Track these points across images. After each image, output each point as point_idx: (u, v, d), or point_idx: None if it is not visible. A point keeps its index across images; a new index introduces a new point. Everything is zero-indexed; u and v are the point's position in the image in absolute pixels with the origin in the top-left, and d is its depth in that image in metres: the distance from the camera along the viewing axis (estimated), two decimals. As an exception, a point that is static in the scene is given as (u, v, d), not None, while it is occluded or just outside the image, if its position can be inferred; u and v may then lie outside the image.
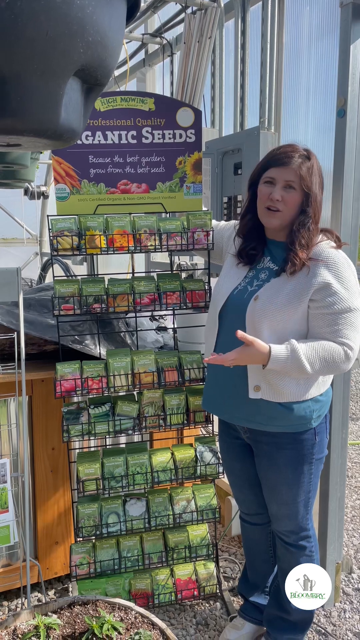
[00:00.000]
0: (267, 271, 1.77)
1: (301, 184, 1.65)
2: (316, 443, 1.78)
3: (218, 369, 1.86)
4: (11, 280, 1.97)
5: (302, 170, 1.65)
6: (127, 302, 2.10)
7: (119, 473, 2.13)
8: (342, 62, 2.00)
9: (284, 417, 1.72)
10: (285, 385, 1.69)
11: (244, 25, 3.04)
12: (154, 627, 1.66)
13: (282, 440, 1.77)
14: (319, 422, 1.78)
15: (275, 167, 1.69)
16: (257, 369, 1.71)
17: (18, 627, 1.64)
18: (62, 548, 2.39)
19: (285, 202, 1.67)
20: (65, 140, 0.77)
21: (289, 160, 1.66)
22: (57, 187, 2.11)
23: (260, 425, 1.76)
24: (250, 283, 1.78)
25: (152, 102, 2.14)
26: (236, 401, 1.79)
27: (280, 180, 1.67)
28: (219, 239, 2.11)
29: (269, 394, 1.71)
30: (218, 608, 2.30)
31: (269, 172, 1.70)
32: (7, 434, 2.21)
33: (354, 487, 3.40)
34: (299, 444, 1.76)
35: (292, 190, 1.67)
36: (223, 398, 1.86)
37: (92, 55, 0.69)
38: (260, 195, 1.73)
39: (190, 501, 2.24)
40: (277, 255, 1.77)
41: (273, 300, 1.67)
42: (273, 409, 1.72)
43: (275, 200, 1.67)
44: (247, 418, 1.78)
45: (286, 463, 1.78)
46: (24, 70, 0.64)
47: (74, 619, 1.68)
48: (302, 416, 1.73)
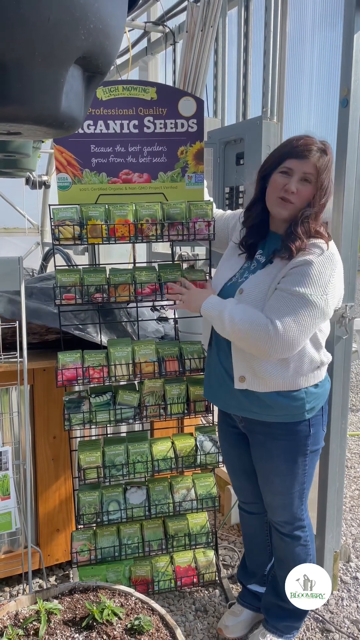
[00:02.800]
0: (256, 262, 1.78)
1: (317, 178, 1.65)
2: (310, 435, 1.78)
3: (213, 357, 1.88)
4: (13, 269, 1.97)
5: (320, 164, 1.64)
6: (129, 292, 2.10)
7: (120, 461, 2.15)
8: (346, 52, 1.98)
9: (274, 406, 1.73)
10: (269, 375, 1.69)
11: (247, 13, 3.01)
12: (154, 612, 1.68)
13: (276, 430, 1.77)
14: (314, 414, 1.77)
15: (294, 158, 1.66)
16: (241, 359, 1.72)
17: (20, 612, 1.66)
18: (63, 535, 2.42)
19: (300, 195, 1.66)
20: (65, 129, 0.77)
21: (308, 153, 1.64)
22: (58, 177, 2.10)
23: (253, 414, 1.77)
24: (241, 275, 1.80)
25: (154, 91, 2.13)
26: (228, 389, 1.81)
27: (299, 172, 1.65)
28: (224, 228, 2.11)
29: (254, 384, 1.72)
30: (217, 595, 2.33)
31: (287, 163, 1.68)
32: (9, 422, 2.23)
33: (352, 477, 3.42)
34: (293, 435, 1.77)
35: (307, 184, 1.66)
36: (217, 387, 1.88)
37: (94, 43, 0.69)
38: (274, 184, 1.70)
39: (190, 490, 2.26)
40: (269, 248, 1.77)
41: (253, 292, 1.69)
42: (262, 399, 1.73)
43: (290, 193, 1.66)
44: (240, 407, 1.80)
45: (280, 454, 1.79)
46: (25, 57, 0.64)
47: (75, 604, 1.70)
48: (294, 406, 1.73)
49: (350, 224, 2.09)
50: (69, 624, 1.61)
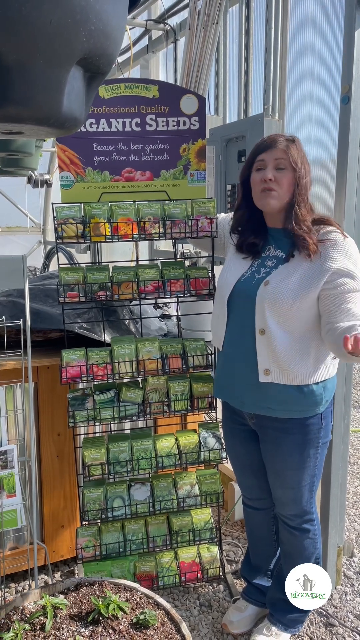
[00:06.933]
0: (274, 259, 1.78)
1: (290, 161, 1.69)
2: (322, 427, 1.80)
3: (227, 354, 1.88)
4: (17, 268, 1.99)
5: (290, 150, 1.70)
6: (132, 289, 2.11)
7: (124, 458, 2.16)
8: (347, 49, 1.99)
9: (294, 401, 1.74)
10: (294, 367, 1.71)
11: (248, 11, 3.01)
12: (159, 607, 1.70)
13: (289, 425, 1.79)
14: (326, 406, 1.80)
15: (263, 152, 1.74)
16: (267, 351, 1.73)
17: (26, 607, 1.68)
18: (68, 531, 2.44)
19: (279, 182, 1.70)
20: (67, 129, 0.79)
21: (275, 143, 1.72)
22: (61, 175, 2.12)
23: (270, 411, 1.78)
24: (257, 271, 1.80)
25: (156, 89, 2.14)
26: (245, 386, 1.81)
27: (270, 160, 1.72)
28: (221, 230, 2.12)
29: (278, 376, 1.73)
30: (221, 590, 2.34)
31: (258, 158, 1.75)
32: (13, 420, 2.24)
33: (355, 473, 3.43)
34: (305, 429, 1.78)
35: (283, 171, 1.71)
36: (233, 384, 1.88)
37: (95, 44, 0.70)
38: (254, 182, 1.77)
39: (193, 486, 2.27)
40: (281, 243, 1.78)
41: (284, 284, 1.69)
42: (283, 393, 1.74)
43: (268, 180, 1.70)
44: (257, 404, 1.80)
45: (292, 448, 1.80)
46: (28, 58, 0.65)
47: (81, 599, 1.72)
48: (312, 401, 1.75)
49: (352, 221, 2.09)
50: (75, 619, 1.63)
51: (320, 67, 2.65)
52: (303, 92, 2.76)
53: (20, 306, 2.26)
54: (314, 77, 2.71)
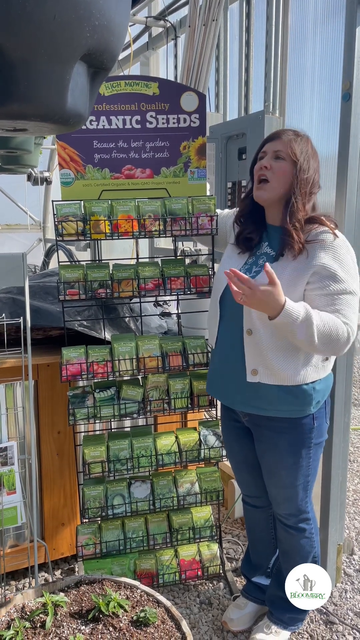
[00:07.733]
0: (264, 257, 1.78)
1: (289, 153, 1.68)
2: (314, 428, 1.79)
3: (219, 353, 1.88)
4: (17, 265, 1.98)
5: (292, 143, 1.69)
6: (132, 287, 2.11)
7: (124, 456, 2.16)
8: (348, 46, 1.98)
9: (283, 401, 1.73)
10: (282, 368, 1.70)
11: (248, 7, 3.00)
12: (159, 605, 1.70)
13: (281, 424, 1.78)
14: (318, 407, 1.79)
15: (267, 142, 1.76)
16: (254, 352, 1.72)
17: (26, 604, 1.68)
18: (68, 529, 2.44)
19: (274, 171, 1.70)
20: (71, 125, 0.78)
21: (280, 134, 1.73)
22: (61, 172, 2.11)
23: (260, 410, 1.78)
24: (249, 269, 1.79)
25: (157, 86, 2.13)
26: (235, 385, 1.81)
27: (271, 151, 1.72)
28: (222, 227, 2.12)
29: (266, 377, 1.73)
30: (221, 588, 2.35)
31: (263, 149, 1.77)
32: (14, 418, 2.24)
33: (355, 471, 3.43)
34: (297, 429, 1.78)
35: (281, 161, 1.70)
36: (223, 382, 1.88)
37: (99, 40, 0.69)
38: (254, 172, 1.78)
39: (194, 484, 2.27)
40: (275, 241, 1.78)
41: None
42: (272, 393, 1.74)
43: (263, 168, 1.71)
44: (247, 402, 1.80)
45: (285, 447, 1.80)
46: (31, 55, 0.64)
47: (81, 597, 1.72)
48: (302, 401, 1.73)
49: (353, 219, 2.09)
50: (75, 616, 1.63)
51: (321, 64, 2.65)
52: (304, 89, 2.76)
53: (20, 304, 2.25)
54: (314, 74, 2.70)
